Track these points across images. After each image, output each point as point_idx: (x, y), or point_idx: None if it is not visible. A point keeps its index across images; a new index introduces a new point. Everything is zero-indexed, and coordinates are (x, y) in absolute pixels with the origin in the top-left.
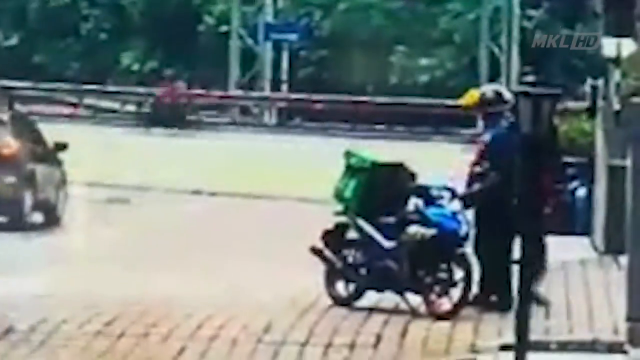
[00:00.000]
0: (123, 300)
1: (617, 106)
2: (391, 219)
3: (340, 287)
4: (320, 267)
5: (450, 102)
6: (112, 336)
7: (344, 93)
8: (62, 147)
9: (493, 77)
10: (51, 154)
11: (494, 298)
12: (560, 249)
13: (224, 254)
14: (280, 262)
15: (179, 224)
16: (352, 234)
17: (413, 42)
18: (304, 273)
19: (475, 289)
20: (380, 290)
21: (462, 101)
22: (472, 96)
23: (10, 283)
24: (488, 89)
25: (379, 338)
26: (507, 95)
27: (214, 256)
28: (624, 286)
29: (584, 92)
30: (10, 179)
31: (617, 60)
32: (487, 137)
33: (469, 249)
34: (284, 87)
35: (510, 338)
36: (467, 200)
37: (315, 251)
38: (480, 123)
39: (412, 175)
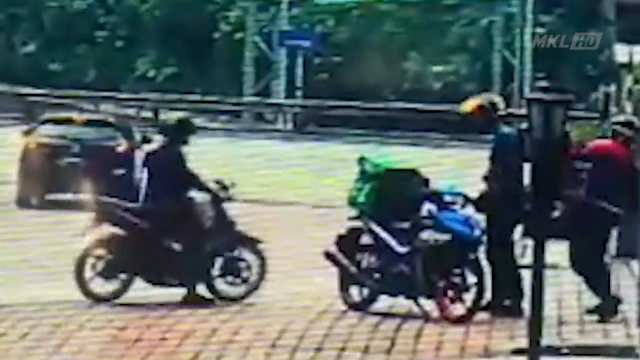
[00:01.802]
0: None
1: (629, 111)
2: (405, 224)
3: (354, 291)
4: (334, 272)
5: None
6: (128, 341)
7: (358, 99)
8: (148, 140)
9: (506, 83)
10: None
11: (507, 303)
12: None
13: None
14: (295, 266)
15: None
16: (365, 239)
17: (427, 48)
18: (318, 278)
19: (488, 293)
20: (393, 295)
21: (462, 108)
22: (470, 104)
23: None
24: (484, 97)
25: (392, 342)
26: (501, 104)
27: None
28: (635, 291)
29: (597, 98)
30: (122, 171)
31: (629, 66)
32: (492, 142)
33: (481, 253)
34: (299, 93)
35: (523, 342)
36: (478, 205)
37: (329, 256)
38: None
39: (426, 181)
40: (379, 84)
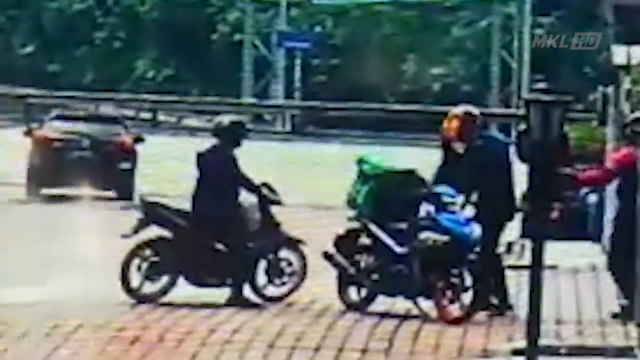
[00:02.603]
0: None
1: (627, 113)
2: (403, 225)
3: (353, 292)
4: (333, 272)
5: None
6: (126, 341)
7: (356, 101)
8: (140, 139)
9: (504, 85)
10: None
11: (494, 301)
12: (572, 254)
13: None
14: None
15: None
16: (364, 240)
17: (425, 50)
18: (317, 278)
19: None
20: (392, 295)
21: (445, 135)
22: (450, 128)
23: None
24: (458, 111)
25: (391, 343)
26: (476, 111)
27: None
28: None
29: (595, 99)
30: (127, 165)
31: (627, 68)
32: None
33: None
34: (297, 94)
35: (521, 343)
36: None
37: (328, 256)
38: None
39: (424, 182)
40: (377, 86)
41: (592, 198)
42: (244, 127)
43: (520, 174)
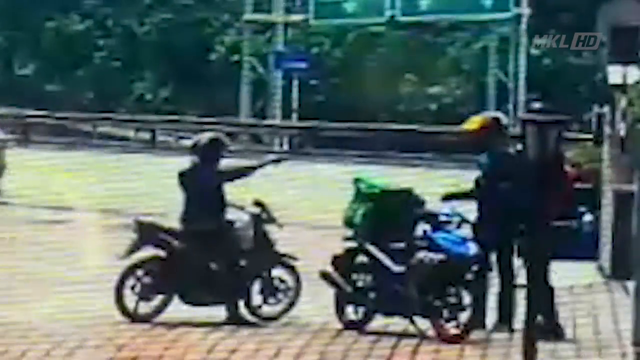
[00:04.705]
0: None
1: (623, 133)
2: (400, 244)
3: (350, 311)
4: (330, 291)
5: (459, 129)
6: (126, 358)
7: (353, 121)
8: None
9: (501, 104)
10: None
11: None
12: (567, 273)
13: None
14: None
15: None
16: (361, 259)
17: (422, 70)
18: (313, 297)
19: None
20: (389, 314)
21: (467, 125)
22: (477, 121)
23: None
24: (488, 114)
25: None
26: (505, 121)
27: None
28: (629, 310)
29: (590, 119)
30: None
31: (623, 88)
32: (489, 161)
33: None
34: (295, 115)
35: None
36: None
37: (325, 276)
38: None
39: (421, 201)
40: (374, 106)
41: (587, 217)
42: (223, 144)
43: None
